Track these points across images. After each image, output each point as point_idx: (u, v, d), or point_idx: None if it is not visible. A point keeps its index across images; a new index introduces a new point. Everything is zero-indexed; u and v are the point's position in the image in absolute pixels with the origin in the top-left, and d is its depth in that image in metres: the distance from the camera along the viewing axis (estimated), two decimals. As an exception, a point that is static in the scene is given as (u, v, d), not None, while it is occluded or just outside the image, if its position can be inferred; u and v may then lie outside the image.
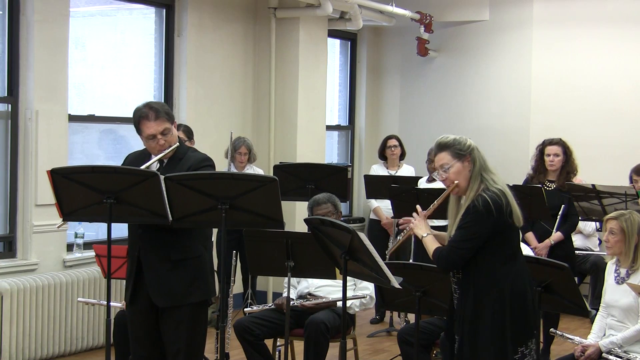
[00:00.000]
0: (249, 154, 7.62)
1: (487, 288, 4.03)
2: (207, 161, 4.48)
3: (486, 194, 4.02)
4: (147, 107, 4.42)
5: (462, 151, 4.10)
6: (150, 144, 4.43)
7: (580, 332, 6.74)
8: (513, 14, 9.64)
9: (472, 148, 4.13)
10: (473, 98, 9.94)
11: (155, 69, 7.89)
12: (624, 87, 9.16)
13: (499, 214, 4.00)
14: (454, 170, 4.09)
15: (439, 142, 4.18)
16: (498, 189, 4.05)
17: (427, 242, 4.19)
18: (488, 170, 4.11)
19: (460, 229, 4.05)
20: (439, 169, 4.16)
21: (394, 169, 8.54)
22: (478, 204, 3.99)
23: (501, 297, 4.01)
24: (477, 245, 4.01)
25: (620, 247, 5.06)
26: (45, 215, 6.36)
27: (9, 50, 6.45)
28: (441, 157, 4.14)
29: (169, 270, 4.36)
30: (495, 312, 4.02)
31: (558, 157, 6.85)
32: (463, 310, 4.10)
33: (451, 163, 4.10)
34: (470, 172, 4.09)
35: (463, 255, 4.03)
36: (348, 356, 4.98)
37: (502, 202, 4.00)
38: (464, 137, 4.17)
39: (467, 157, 4.10)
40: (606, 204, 6.53)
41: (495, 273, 4.04)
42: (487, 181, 4.07)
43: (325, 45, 9.12)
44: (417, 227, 4.24)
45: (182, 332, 4.39)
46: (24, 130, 6.47)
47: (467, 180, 4.09)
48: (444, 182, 4.15)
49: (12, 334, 6.18)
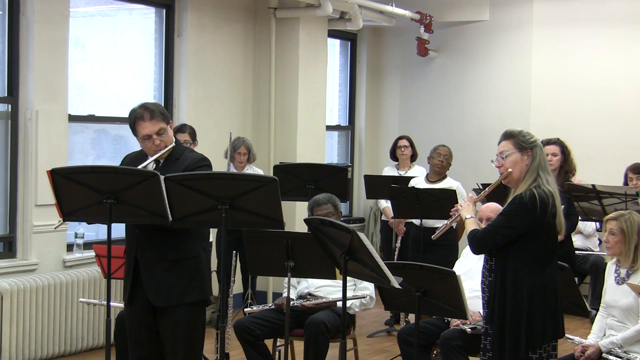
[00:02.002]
0: (248, 154, 7.62)
1: (513, 284, 4.10)
2: (203, 161, 4.49)
3: (536, 190, 4.09)
4: (142, 107, 4.44)
5: (524, 143, 4.17)
6: (146, 144, 4.44)
7: (580, 332, 6.75)
8: (513, 14, 9.65)
9: (537, 145, 4.19)
10: (473, 98, 9.94)
11: (155, 69, 7.90)
12: (624, 87, 9.16)
13: (543, 213, 4.06)
14: (512, 159, 4.16)
15: (506, 130, 4.26)
16: (549, 190, 4.11)
17: (468, 223, 4.32)
18: (546, 170, 4.18)
19: (502, 214, 4.16)
20: (498, 155, 4.23)
21: (405, 169, 8.45)
22: (525, 197, 4.07)
23: (523, 297, 4.08)
24: (513, 236, 4.09)
25: (620, 248, 5.06)
26: (45, 215, 6.36)
27: (9, 50, 6.45)
28: (503, 144, 4.22)
29: (166, 269, 4.36)
30: (515, 309, 4.09)
31: (556, 156, 6.83)
32: (492, 300, 4.17)
33: (511, 152, 4.17)
34: (528, 166, 4.15)
35: (496, 240, 4.12)
36: (348, 356, 4.98)
37: (548, 202, 4.07)
38: (530, 132, 4.24)
39: (528, 151, 4.16)
40: (606, 204, 6.53)
41: (525, 271, 4.10)
42: (542, 179, 4.14)
43: (325, 45, 9.12)
44: (464, 209, 4.38)
45: (180, 332, 4.39)
46: (24, 130, 6.47)
47: (522, 173, 4.16)
48: (500, 169, 4.23)
49: (12, 334, 6.18)
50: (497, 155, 4.24)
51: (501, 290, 4.13)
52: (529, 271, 4.10)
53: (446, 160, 7.51)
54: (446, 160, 7.51)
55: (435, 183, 7.44)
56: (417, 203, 6.91)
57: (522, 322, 4.08)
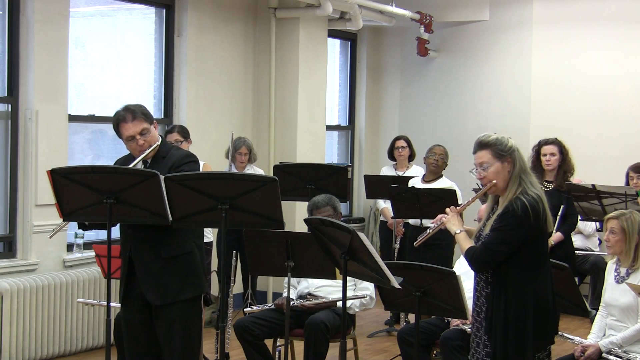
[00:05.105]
0: (249, 154, 7.61)
1: (514, 291, 4.02)
2: (189, 157, 4.52)
3: (525, 198, 4.00)
4: (124, 109, 4.48)
5: (503, 151, 4.08)
6: (131, 145, 4.48)
7: (580, 332, 6.74)
8: (513, 14, 9.65)
9: (514, 149, 4.10)
10: (473, 98, 9.94)
11: (155, 69, 7.90)
12: (623, 87, 9.16)
13: (536, 221, 3.99)
14: (493, 169, 4.07)
15: (480, 139, 4.14)
16: (535, 194, 4.04)
17: (460, 238, 4.17)
18: (527, 173, 4.11)
19: (497, 230, 4.02)
20: (477, 167, 4.14)
21: (403, 169, 8.44)
22: (517, 208, 3.96)
23: (525, 302, 4.01)
24: (512, 249, 4.00)
25: (621, 247, 5.06)
26: (45, 215, 6.36)
27: (9, 50, 6.45)
28: (481, 155, 4.11)
29: (161, 268, 4.38)
30: (519, 316, 4.01)
31: (554, 156, 6.85)
32: (491, 309, 4.08)
33: (491, 162, 4.08)
34: (510, 173, 4.07)
35: (496, 257, 4.01)
36: (348, 356, 4.97)
37: (539, 208, 4.00)
38: (505, 136, 4.14)
39: (508, 158, 4.07)
40: (606, 204, 6.53)
41: (524, 277, 4.03)
42: (526, 184, 4.06)
43: (325, 45, 9.12)
44: (451, 222, 4.22)
45: (176, 330, 4.41)
46: (24, 130, 6.47)
47: (506, 181, 4.08)
48: (482, 180, 4.14)
49: (12, 334, 6.18)
50: (476, 166, 4.13)
51: (504, 300, 4.03)
52: (530, 277, 4.04)
53: (441, 160, 7.53)
54: (441, 159, 7.52)
55: (430, 182, 7.47)
56: (417, 203, 6.92)
57: (529, 328, 4.02)
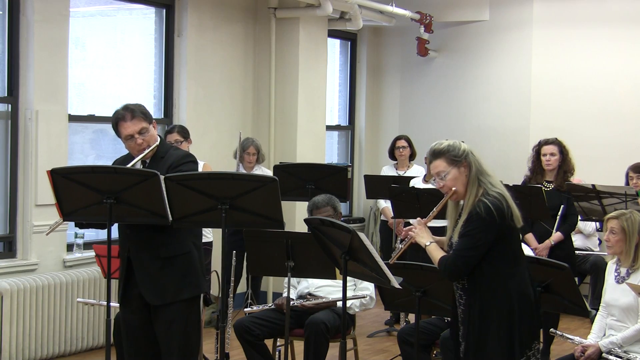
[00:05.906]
0: (257, 154, 7.59)
1: (493, 292, 4.01)
2: (187, 157, 4.51)
3: (487, 199, 3.99)
4: (123, 108, 4.47)
5: (457, 157, 4.06)
6: (130, 144, 4.47)
7: (580, 332, 6.75)
8: (513, 14, 9.65)
9: (467, 153, 4.08)
10: (473, 98, 9.94)
11: (155, 69, 7.89)
12: (623, 87, 9.16)
13: (502, 219, 3.98)
14: (451, 177, 4.06)
15: (433, 149, 4.13)
16: (497, 192, 4.03)
17: (431, 250, 4.16)
18: (485, 173, 4.08)
19: (465, 236, 4.02)
20: (435, 177, 4.14)
21: (404, 169, 8.46)
22: (480, 211, 3.96)
23: (508, 300, 4.00)
24: (483, 252, 3.99)
25: (621, 247, 5.06)
26: (45, 215, 6.36)
27: (9, 50, 6.45)
28: (437, 164, 4.10)
29: (159, 268, 4.38)
30: (503, 315, 4.00)
31: (554, 156, 6.85)
32: (470, 316, 4.06)
33: (447, 170, 4.07)
34: (467, 177, 4.06)
35: (469, 263, 4.00)
36: (348, 356, 4.97)
37: (503, 206, 3.99)
38: (457, 141, 4.13)
39: (463, 163, 4.06)
40: (606, 204, 6.53)
41: (501, 276, 4.02)
42: (485, 185, 4.05)
43: (325, 45, 9.12)
44: (419, 235, 4.20)
45: (175, 331, 4.41)
46: (24, 130, 6.47)
47: (465, 186, 4.07)
48: (442, 189, 4.13)
49: (12, 334, 6.18)
50: (435, 176, 4.13)
51: (483, 301, 4.01)
52: (507, 275, 4.02)
53: None
54: None
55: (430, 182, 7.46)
56: (417, 203, 6.91)
57: (514, 327, 3.99)
